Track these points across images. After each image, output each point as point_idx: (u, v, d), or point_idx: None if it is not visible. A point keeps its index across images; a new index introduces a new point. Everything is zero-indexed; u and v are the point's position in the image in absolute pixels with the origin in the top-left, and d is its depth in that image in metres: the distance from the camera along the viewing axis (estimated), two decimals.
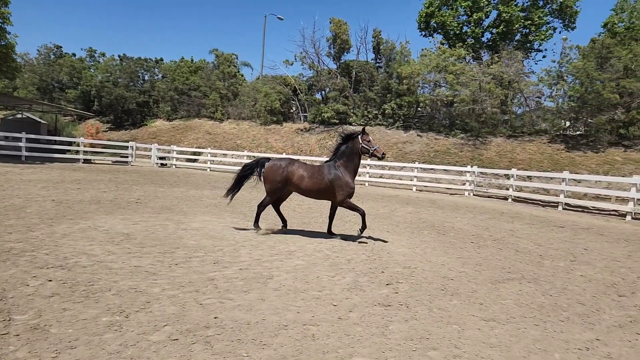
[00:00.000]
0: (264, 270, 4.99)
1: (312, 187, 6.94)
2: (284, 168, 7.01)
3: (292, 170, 6.98)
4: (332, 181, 6.87)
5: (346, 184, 6.88)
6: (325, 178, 6.90)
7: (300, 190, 7.09)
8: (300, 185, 6.97)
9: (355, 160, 7.04)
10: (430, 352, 3.15)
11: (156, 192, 12.04)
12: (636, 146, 20.31)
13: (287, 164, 7.07)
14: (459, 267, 5.73)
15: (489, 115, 24.36)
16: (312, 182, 6.92)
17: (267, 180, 7.12)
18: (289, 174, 6.97)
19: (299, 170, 6.99)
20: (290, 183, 7.02)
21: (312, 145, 27.24)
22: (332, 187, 6.88)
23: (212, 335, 3.22)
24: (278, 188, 7.09)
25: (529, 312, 4.12)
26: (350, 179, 6.94)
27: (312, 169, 7.10)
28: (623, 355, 3.28)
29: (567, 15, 30.17)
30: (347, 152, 7.01)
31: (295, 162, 7.19)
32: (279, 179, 6.98)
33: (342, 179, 6.87)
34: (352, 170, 7.01)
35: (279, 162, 7.18)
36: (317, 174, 6.97)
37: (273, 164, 7.13)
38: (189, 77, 34.72)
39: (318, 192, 7.03)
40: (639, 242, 8.71)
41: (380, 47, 29.36)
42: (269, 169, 7.11)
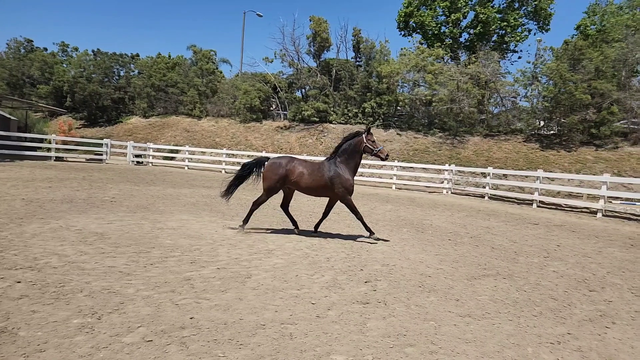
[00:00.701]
0: (242, 270, 4.94)
1: (311, 184, 6.91)
2: (283, 166, 6.96)
3: (291, 168, 6.94)
4: (332, 178, 6.85)
5: (346, 181, 6.87)
6: (325, 175, 6.88)
7: (300, 188, 7.05)
8: (300, 182, 6.93)
9: (357, 159, 7.03)
10: (407, 349, 3.18)
11: (132, 190, 11.78)
12: (607, 145, 21.00)
13: (287, 162, 7.02)
14: (436, 264, 5.81)
15: (466, 115, 24.77)
16: (312, 179, 6.89)
17: (266, 178, 7.07)
18: (288, 172, 6.93)
19: (298, 168, 6.94)
20: (289, 181, 6.98)
21: (292, 144, 27.15)
22: (332, 185, 6.86)
23: (188, 335, 3.16)
24: (276, 187, 7.04)
25: (503, 308, 4.20)
26: (350, 177, 6.94)
27: (311, 166, 7.06)
28: (593, 348, 3.38)
29: (542, 17, 30.95)
30: (349, 150, 6.98)
31: (294, 159, 7.15)
32: (277, 177, 6.93)
33: (342, 176, 6.86)
34: (353, 168, 7.00)
35: (279, 160, 7.13)
36: (317, 171, 6.94)
37: (273, 162, 7.10)
38: (166, 74, 34.09)
39: (317, 189, 7.00)
40: (608, 238, 9.01)
41: (360, 45, 29.47)
42: (269, 168, 7.07)
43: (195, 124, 31.55)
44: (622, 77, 21.79)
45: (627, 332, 3.75)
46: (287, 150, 26.22)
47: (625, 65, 21.80)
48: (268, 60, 31.93)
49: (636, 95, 21.06)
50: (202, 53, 34.09)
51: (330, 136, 27.02)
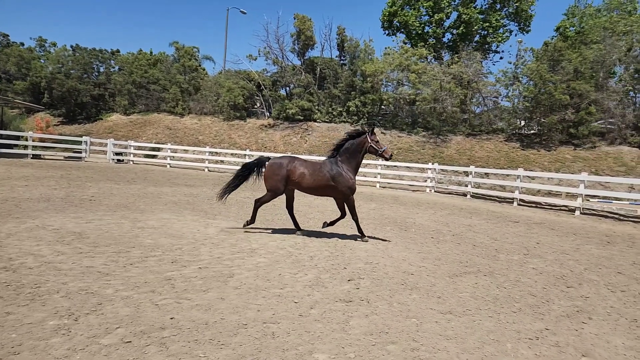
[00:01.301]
0: (225, 269, 4.89)
1: (313, 184, 6.86)
2: (284, 166, 6.89)
3: (292, 168, 6.87)
4: (334, 177, 6.80)
5: (348, 181, 6.84)
6: (327, 174, 6.83)
7: (302, 188, 7.01)
8: (302, 183, 6.88)
9: (358, 158, 6.99)
10: (389, 346, 3.19)
11: (112, 189, 11.55)
12: (585, 145, 21.51)
13: (288, 162, 6.96)
14: (419, 262, 5.85)
15: (449, 114, 25.04)
16: (314, 179, 6.83)
17: (268, 179, 6.99)
18: (290, 172, 6.86)
19: (300, 168, 6.88)
20: (290, 181, 6.92)
21: (276, 142, 27.04)
22: (335, 184, 6.81)
23: (168, 336, 3.12)
24: (280, 188, 6.96)
25: (484, 305, 4.25)
26: (352, 176, 6.90)
27: (313, 166, 6.99)
28: (570, 343, 3.44)
29: (523, 18, 31.48)
30: (351, 149, 6.93)
31: (295, 159, 7.09)
32: (279, 178, 6.86)
33: (345, 176, 6.82)
34: (354, 167, 6.96)
35: (280, 160, 7.06)
36: (319, 171, 6.88)
37: (274, 163, 7.02)
38: (148, 70, 33.51)
39: (319, 189, 6.96)
40: (586, 235, 9.23)
41: (345, 44, 29.49)
42: (270, 168, 6.99)
43: (177, 121, 31.13)
44: (599, 78, 22.33)
45: (603, 327, 3.84)
46: (272, 148, 26.10)
47: (602, 66, 22.34)
48: (252, 58, 31.74)
49: (613, 96, 21.62)
50: (185, 50, 33.61)
51: (315, 135, 27.00)
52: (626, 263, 6.62)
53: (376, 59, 28.17)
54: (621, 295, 4.83)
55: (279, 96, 31.03)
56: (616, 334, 3.70)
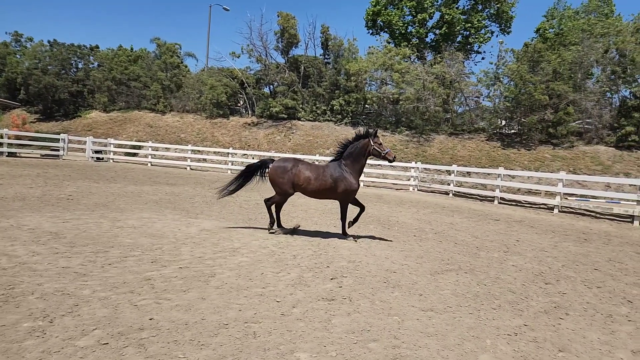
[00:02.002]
0: (206, 269, 4.82)
1: (318, 188, 6.85)
2: (289, 170, 6.84)
3: (297, 173, 6.83)
4: (337, 180, 6.80)
5: (350, 185, 6.84)
6: (330, 178, 6.81)
7: (307, 192, 6.98)
8: (307, 188, 6.86)
9: (362, 161, 6.98)
10: (370, 344, 3.19)
11: (90, 187, 11.30)
12: (563, 144, 22.02)
13: (293, 166, 6.90)
14: (401, 260, 5.88)
15: (432, 114, 25.30)
16: (319, 183, 6.82)
17: (275, 183, 6.94)
18: (295, 177, 6.82)
19: (305, 172, 6.84)
20: (296, 186, 6.88)
21: (260, 140, 26.89)
22: (336, 187, 6.81)
23: (147, 337, 3.06)
24: (289, 191, 6.94)
25: (464, 302, 4.30)
26: (354, 180, 6.90)
27: (317, 169, 6.97)
28: (547, 339, 3.51)
29: (504, 20, 32.01)
30: (355, 153, 6.92)
31: (299, 162, 7.03)
32: (286, 181, 6.82)
33: (348, 180, 6.82)
34: (358, 170, 6.96)
35: (284, 163, 6.98)
36: (322, 174, 6.86)
37: (278, 166, 6.94)
38: (128, 67, 32.89)
39: (323, 192, 6.94)
40: (564, 233, 9.44)
41: (329, 43, 29.48)
42: (274, 171, 6.93)
43: (159, 119, 30.67)
44: (577, 79, 22.88)
45: (580, 322, 3.93)
46: (255, 147, 25.96)
47: (580, 67, 22.88)
48: (235, 56, 31.41)
49: (590, 96, 22.17)
50: (166, 46, 33.10)
51: (299, 133, 26.95)
52: (602, 260, 6.79)
53: (360, 58, 28.26)
54: (597, 292, 4.95)
55: (263, 94, 30.87)
56: (592, 329, 3.78)
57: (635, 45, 21.43)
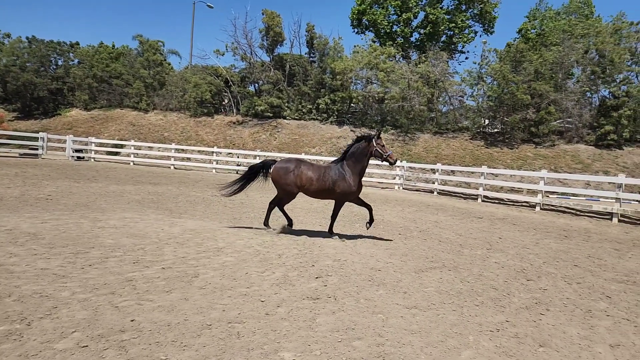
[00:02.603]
0: (189, 269, 4.76)
1: (320, 188, 6.88)
2: (292, 171, 6.87)
3: (299, 174, 6.86)
4: (336, 181, 6.82)
5: (348, 186, 6.85)
6: (330, 179, 6.85)
7: (309, 193, 7.00)
8: (310, 188, 6.90)
9: (364, 162, 6.99)
10: (355, 342, 3.19)
11: (71, 187, 11.07)
12: (545, 143, 22.44)
13: (295, 167, 6.91)
14: (386, 258, 5.91)
15: (417, 113, 25.50)
16: (320, 184, 6.86)
17: (278, 184, 6.99)
18: (297, 178, 6.86)
19: (307, 173, 6.88)
20: (299, 187, 6.91)
21: (245, 139, 26.72)
22: (334, 187, 6.82)
23: (128, 339, 3.00)
24: (293, 192, 7.00)
25: (448, 299, 4.34)
26: (353, 181, 6.90)
27: (319, 170, 6.99)
28: (528, 334, 3.56)
29: (487, 20, 32.44)
30: (357, 153, 6.93)
31: (301, 163, 7.05)
32: (289, 182, 6.88)
33: (347, 181, 6.84)
34: (359, 172, 6.96)
35: (287, 164, 7.02)
36: (324, 175, 6.88)
37: (280, 167, 6.98)
38: (110, 64, 32.29)
39: (323, 193, 6.97)
40: (545, 230, 9.61)
41: (314, 41, 29.44)
42: (277, 173, 6.95)
43: (141, 117, 30.21)
44: (558, 79, 23.33)
45: (560, 318, 4.00)
46: (240, 145, 25.78)
47: (561, 68, 23.35)
48: (219, 53, 31.08)
49: (571, 96, 22.63)
50: (149, 43, 32.58)
51: (285, 132, 26.87)
52: (582, 256, 6.93)
53: (345, 57, 28.30)
54: (577, 287, 5.05)
55: (248, 92, 30.66)
56: (572, 324, 3.86)
57: (614, 46, 21.96)
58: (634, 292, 4.96)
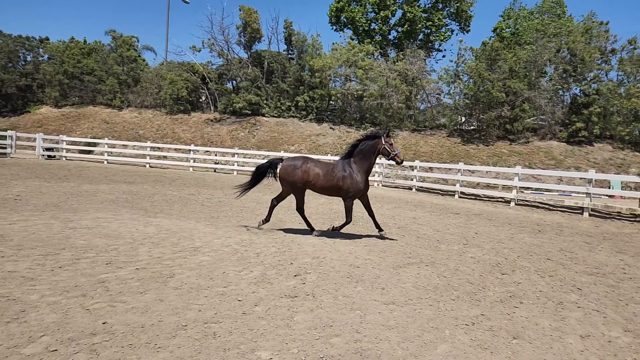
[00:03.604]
0: (165, 269, 4.67)
1: (326, 184, 6.90)
2: (299, 167, 6.87)
3: (307, 170, 6.87)
4: (344, 178, 6.84)
5: (355, 183, 6.85)
6: (337, 175, 6.86)
7: (316, 189, 7.03)
8: (316, 184, 6.90)
9: (371, 160, 6.99)
10: (332, 339, 3.19)
11: (41, 187, 10.71)
12: (519, 140, 22.97)
13: (302, 163, 6.93)
14: (365, 255, 5.93)
15: (395, 110, 25.70)
16: (326, 180, 6.87)
17: (285, 181, 6.99)
18: (305, 174, 6.86)
19: (314, 169, 6.89)
20: (307, 182, 6.91)
21: (223, 137, 26.40)
22: (341, 184, 6.84)
23: (99, 342, 2.93)
24: (300, 188, 7.00)
25: (425, 294, 4.38)
26: (361, 179, 6.90)
27: (326, 166, 7.00)
28: (502, 327, 3.63)
29: (463, 18, 32.96)
30: (365, 151, 6.93)
31: (308, 160, 7.06)
32: (297, 179, 6.87)
33: (354, 178, 6.84)
34: (366, 169, 6.97)
35: (293, 161, 7.02)
36: (331, 172, 6.90)
37: (288, 165, 6.98)
38: (81, 60, 31.33)
39: (330, 190, 6.98)
40: (520, 225, 9.83)
41: (292, 38, 29.28)
42: (284, 170, 6.93)
43: (115, 115, 29.45)
44: (532, 78, 23.90)
45: (533, 310, 4.09)
46: (218, 143, 25.47)
47: (535, 66, 23.92)
48: (196, 50, 30.55)
49: (544, 94, 23.22)
50: (123, 39, 31.75)
51: (264, 129, 26.68)
52: (554, 250, 7.12)
53: (324, 54, 28.27)
54: (549, 280, 5.18)
55: (226, 90, 30.25)
56: (544, 316, 3.95)
57: (584, 45, 22.63)
58: (604, 284, 5.12)
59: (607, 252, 7.11)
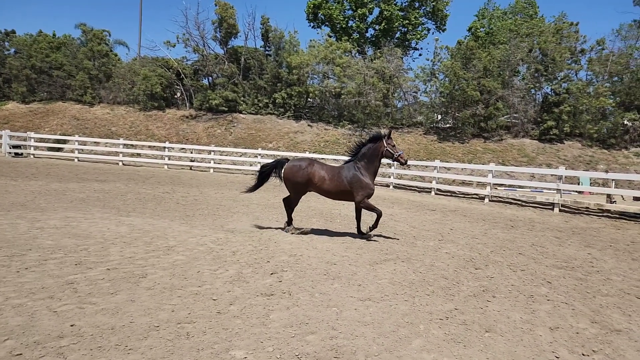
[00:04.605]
0: (137, 269, 4.55)
1: (332, 188, 6.87)
2: (304, 169, 6.84)
3: (312, 172, 6.84)
4: (351, 182, 6.80)
5: (366, 185, 6.84)
6: (345, 179, 6.83)
7: (321, 191, 6.98)
8: (322, 186, 6.87)
9: (376, 162, 7.01)
10: (308, 337, 3.18)
11: (6, 186, 10.30)
12: (493, 138, 23.47)
13: (307, 165, 6.89)
14: (342, 252, 5.93)
15: (373, 108, 25.84)
16: (333, 183, 6.85)
17: (289, 182, 6.95)
18: (310, 176, 6.82)
19: (320, 172, 6.87)
20: (311, 184, 6.88)
21: (199, 134, 25.98)
22: (351, 189, 6.81)
23: (67, 345, 2.84)
24: (301, 190, 6.99)
25: (400, 289, 4.42)
26: (370, 180, 6.90)
27: (332, 170, 6.99)
28: (475, 321, 3.69)
29: (439, 18, 33.41)
30: (369, 154, 6.94)
31: (314, 162, 7.03)
32: (300, 180, 6.84)
33: (362, 180, 6.82)
34: (373, 171, 6.98)
35: (299, 162, 7.00)
36: (337, 175, 6.88)
37: (293, 165, 6.93)
38: (50, 54, 30.18)
39: (338, 193, 6.96)
40: (493, 221, 10.05)
41: (269, 34, 29.00)
42: (289, 171, 6.87)
43: (86, 111, 28.55)
44: (506, 77, 24.43)
45: (505, 304, 4.18)
46: (194, 140, 25.05)
47: (508, 65, 24.45)
48: (170, 45, 29.79)
49: (517, 93, 23.77)
50: (93, 33, 30.72)
51: (241, 126, 26.39)
52: (526, 245, 7.31)
53: (301, 51, 28.14)
54: (521, 274, 5.31)
55: (201, 86, 29.70)
56: (515, 309, 4.04)
57: (555, 45, 23.26)
58: (572, 277, 5.28)
59: (576, 246, 7.34)
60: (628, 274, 5.58)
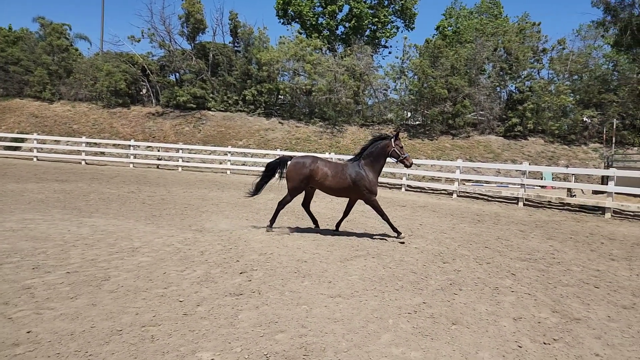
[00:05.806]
0: (99, 272, 4.38)
1: (335, 185, 6.87)
2: (307, 166, 6.85)
3: (315, 169, 6.84)
4: (355, 180, 6.80)
5: (370, 183, 6.82)
6: (349, 177, 6.83)
7: (323, 188, 7.00)
8: (324, 183, 6.87)
9: (381, 162, 7.00)
10: (277, 335, 3.15)
11: None
12: (461, 134, 24.04)
13: (311, 162, 6.91)
14: (313, 249, 5.92)
15: (344, 105, 25.92)
16: (336, 180, 6.85)
17: (290, 178, 6.97)
18: (313, 172, 6.82)
19: (323, 169, 6.87)
20: (313, 181, 6.89)
21: (166, 131, 25.35)
22: (356, 186, 6.83)
23: (22, 353, 2.72)
24: (300, 187, 7.00)
25: (370, 285, 4.44)
26: (374, 179, 6.92)
27: (335, 167, 6.99)
28: (443, 314, 3.76)
29: (408, 16, 33.81)
30: (375, 153, 6.92)
31: (318, 159, 7.03)
32: (301, 177, 6.85)
33: (366, 178, 6.82)
34: (377, 170, 6.99)
35: (303, 159, 7.03)
36: (341, 172, 6.89)
37: (296, 162, 6.98)
38: (6, 49, 28.65)
39: (340, 191, 6.99)
40: (461, 216, 10.28)
41: (238, 30, 28.53)
42: (292, 168, 6.93)
43: (45, 108, 27.29)
44: (472, 75, 25.03)
45: (471, 296, 4.27)
46: (161, 138, 24.41)
47: (474, 64, 25.05)
48: (135, 40, 28.76)
49: (483, 90, 24.41)
50: (52, 27, 29.33)
51: (210, 124, 25.92)
52: (492, 238, 7.51)
53: (271, 48, 27.86)
54: (487, 267, 5.45)
55: (168, 82, 28.87)
56: (481, 301, 4.14)
57: (519, 44, 24.02)
58: (535, 269, 5.46)
59: (538, 239, 7.61)
60: (587, 265, 5.83)
